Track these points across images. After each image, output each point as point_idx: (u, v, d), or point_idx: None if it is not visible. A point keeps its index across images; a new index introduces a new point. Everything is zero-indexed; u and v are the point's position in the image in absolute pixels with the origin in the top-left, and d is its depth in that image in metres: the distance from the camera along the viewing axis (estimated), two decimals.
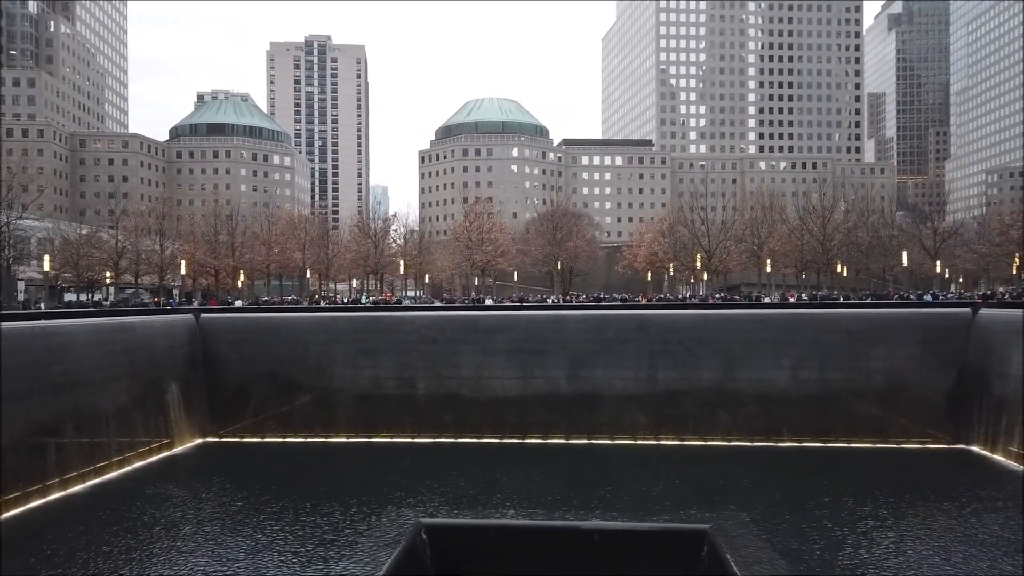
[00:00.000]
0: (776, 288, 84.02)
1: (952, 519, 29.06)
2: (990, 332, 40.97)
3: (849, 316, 45.67)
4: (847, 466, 37.96)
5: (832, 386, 42.72)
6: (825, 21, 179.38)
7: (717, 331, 44.62)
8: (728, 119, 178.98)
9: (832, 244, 74.20)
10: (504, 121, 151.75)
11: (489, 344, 45.03)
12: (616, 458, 39.83)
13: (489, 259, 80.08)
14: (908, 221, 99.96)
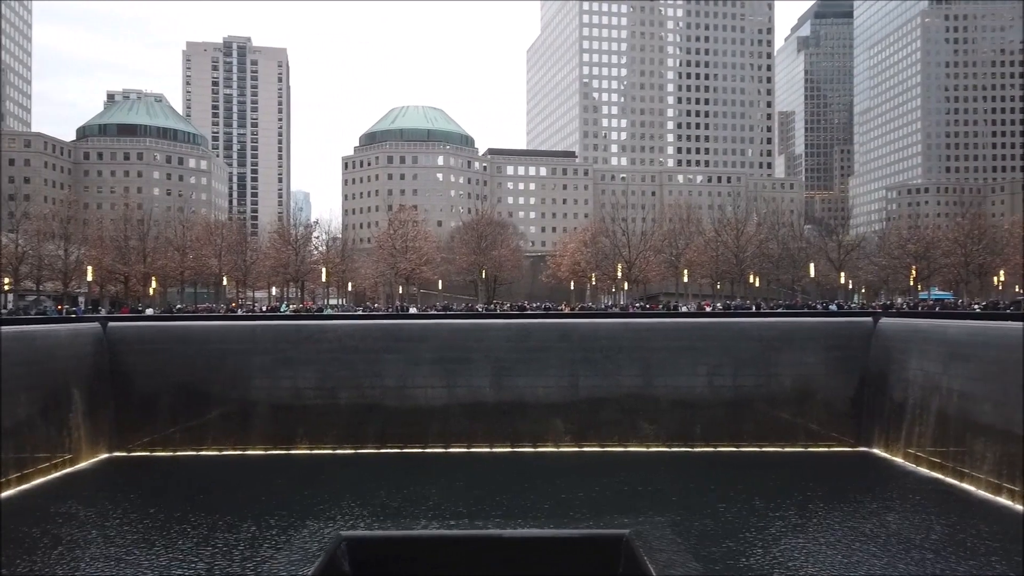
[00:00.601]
0: (693, 297, 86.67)
1: (854, 519, 30.63)
2: (889, 340, 43.47)
3: (760, 325, 47.53)
4: (758, 469, 39.46)
5: (744, 392, 44.38)
6: (739, 41, 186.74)
7: (637, 339, 45.71)
8: (648, 133, 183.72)
9: (745, 256, 77.18)
10: (430, 129, 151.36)
11: (413, 353, 44.76)
12: (539, 466, 40.19)
13: (413, 267, 79.59)
14: (815, 234, 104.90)
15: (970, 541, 27.27)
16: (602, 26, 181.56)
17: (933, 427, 37.57)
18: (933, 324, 41.77)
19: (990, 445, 33.10)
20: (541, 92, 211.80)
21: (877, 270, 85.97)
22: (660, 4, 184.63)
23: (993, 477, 32.46)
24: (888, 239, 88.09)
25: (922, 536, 28.03)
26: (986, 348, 34.84)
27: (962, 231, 75.16)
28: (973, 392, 34.94)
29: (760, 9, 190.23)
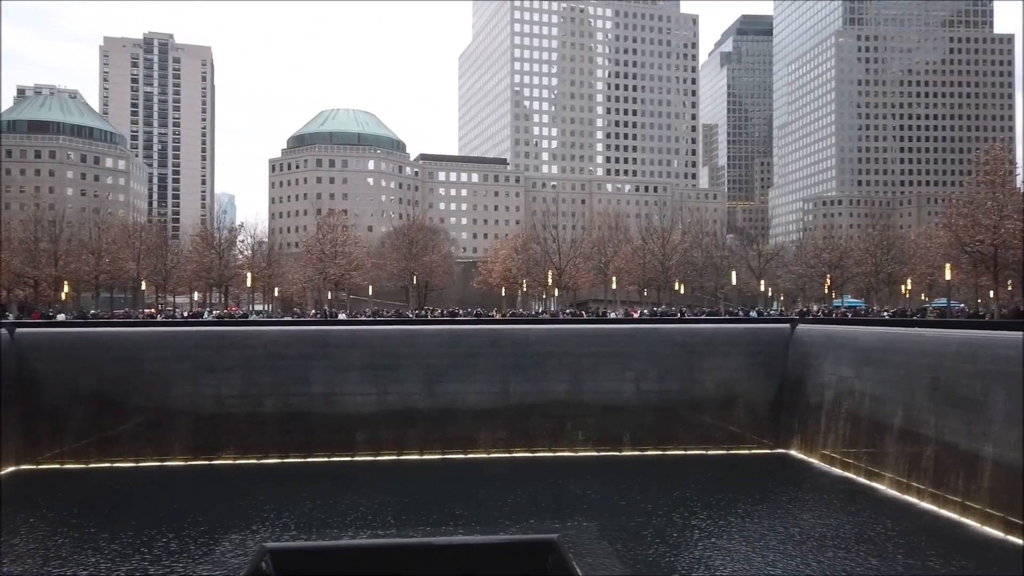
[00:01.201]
0: (621, 304, 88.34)
1: (772, 518, 31.85)
2: (806, 346, 45.39)
3: (685, 331, 48.86)
4: (684, 472, 40.55)
5: (670, 396, 45.53)
6: (665, 55, 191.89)
7: (566, 346, 46.31)
8: (578, 142, 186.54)
9: (671, 263, 79.22)
10: (360, 133, 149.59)
11: (341, 359, 44.11)
12: (470, 472, 40.22)
13: (343, 273, 78.42)
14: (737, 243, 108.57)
15: (879, 538, 28.71)
16: (533, 35, 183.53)
17: (846, 429, 39.40)
18: (846, 330, 43.84)
19: (898, 446, 34.95)
20: (473, 99, 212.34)
21: (794, 278, 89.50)
22: (590, 16, 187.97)
23: (901, 477, 34.25)
24: (804, 249, 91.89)
25: (835, 534, 29.35)
26: (894, 353, 36.78)
27: (872, 242, 79.05)
28: (883, 395, 36.82)
29: (685, 24, 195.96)
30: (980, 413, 29.84)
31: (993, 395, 29.27)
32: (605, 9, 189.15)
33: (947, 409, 31.86)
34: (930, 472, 32.30)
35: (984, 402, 29.70)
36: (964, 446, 30.55)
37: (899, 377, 35.63)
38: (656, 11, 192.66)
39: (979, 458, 29.55)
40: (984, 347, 30.57)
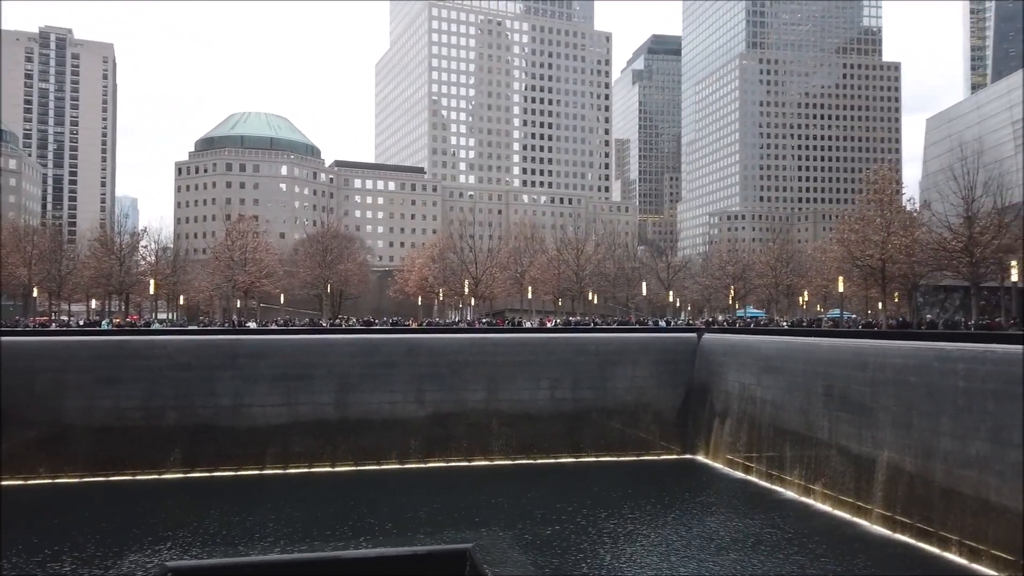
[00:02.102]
0: (536, 313, 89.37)
1: (680, 523, 33.00)
2: (711, 354, 47.27)
3: (598, 340, 50.02)
4: (596, 478, 41.41)
5: (583, 404, 46.48)
6: (579, 70, 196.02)
7: (482, 355, 46.59)
8: (495, 153, 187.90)
9: (584, 274, 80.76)
10: (273, 137, 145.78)
11: (250, 370, 42.92)
12: (384, 484, 39.82)
13: (253, 280, 76.08)
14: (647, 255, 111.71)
15: (778, 539, 30.21)
16: (451, 45, 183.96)
17: (748, 434, 41.24)
18: (748, 340, 45.92)
19: (796, 450, 36.85)
20: (390, 107, 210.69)
21: (701, 289, 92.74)
22: (507, 29, 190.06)
23: (799, 479, 36.11)
24: (710, 261, 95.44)
25: (737, 536, 30.67)
26: (792, 362, 38.82)
27: (773, 255, 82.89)
28: (782, 401, 38.77)
29: (599, 41, 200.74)
30: (870, 418, 31.87)
31: (882, 401, 31.34)
32: (522, 23, 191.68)
33: (840, 414, 33.87)
34: (825, 475, 34.22)
35: (873, 407, 31.76)
36: (856, 450, 32.55)
37: (796, 384, 37.61)
38: (571, 27, 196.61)
39: (869, 461, 31.54)
40: (873, 356, 32.69)
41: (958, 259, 44.26)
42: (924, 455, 28.45)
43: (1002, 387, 25.34)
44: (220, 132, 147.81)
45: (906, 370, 30.15)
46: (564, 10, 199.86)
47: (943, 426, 27.65)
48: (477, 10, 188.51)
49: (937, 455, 27.78)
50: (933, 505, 27.55)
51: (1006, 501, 24.47)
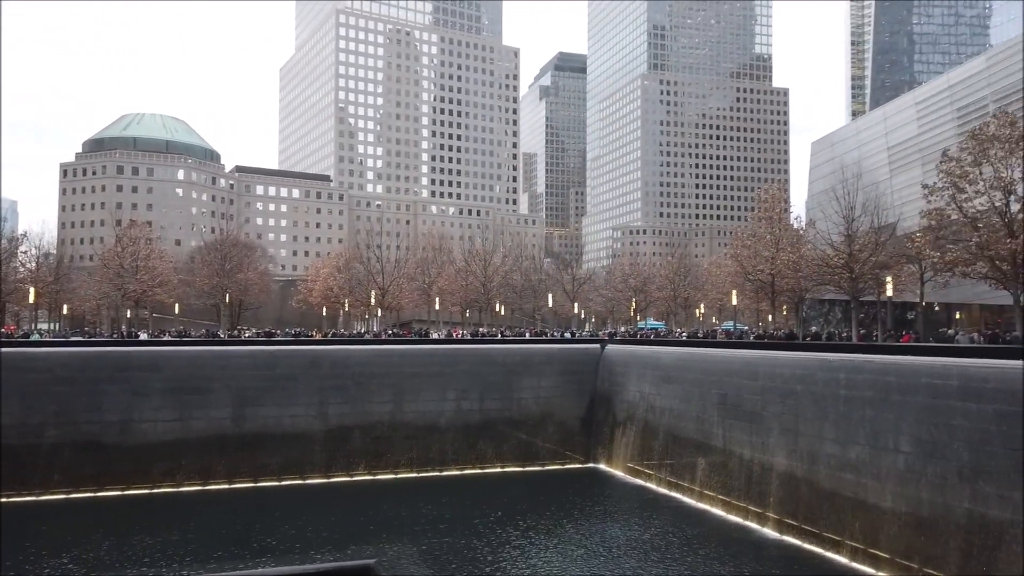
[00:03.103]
0: (444, 324, 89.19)
1: (581, 531, 33.63)
2: (614, 365, 48.52)
3: (504, 351, 50.42)
4: (501, 489, 41.68)
5: (489, 415, 46.71)
6: (488, 84, 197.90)
7: (388, 366, 46.10)
8: (403, 163, 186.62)
9: (492, 285, 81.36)
10: (169, 140, 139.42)
11: (141, 384, 40.85)
12: (285, 500, 38.69)
13: (145, 289, 72.40)
14: (553, 267, 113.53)
15: (674, 544, 31.29)
16: (358, 53, 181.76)
17: (648, 442, 42.54)
18: (649, 350, 47.43)
19: (693, 457, 38.30)
20: (295, 112, 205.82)
21: (604, 301, 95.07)
22: (416, 40, 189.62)
23: (695, 486, 37.52)
24: (613, 274, 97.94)
25: (635, 542, 31.59)
26: (689, 371, 40.39)
27: (672, 269, 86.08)
28: (679, 410, 40.24)
29: (507, 56, 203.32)
30: (761, 425, 33.54)
31: (771, 408, 33.05)
32: (431, 34, 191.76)
33: (733, 422, 35.48)
34: (719, 481, 35.71)
35: (764, 415, 33.44)
36: (747, 456, 34.15)
37: (693, 393, 39.14)
38: (480, 41, 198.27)
39: (760, 466, 33.16)
40: (764, 366, 34.46)
41: (839, 275, 47.31)
42: (810, 460, 30.18)
43: (878, 395, 27.24)
44: (111, 133, 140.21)
45: (793, 379, 31.93)
46: (473, 24, 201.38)
47: (826, 432, 29.44)
48: (386, 18, 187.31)
49: (821, 460, 29.53)
50: (818, 508, 29.23)
51: (882, 502, 26.28)
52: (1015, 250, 36.27)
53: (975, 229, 38.48)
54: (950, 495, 23.73)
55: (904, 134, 59.34)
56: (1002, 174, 37.67)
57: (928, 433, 24.93)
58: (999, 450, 22.33)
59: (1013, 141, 37.77)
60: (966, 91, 53.11)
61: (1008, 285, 37.72)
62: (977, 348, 31.14)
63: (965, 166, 39.27)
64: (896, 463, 25.98)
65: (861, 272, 46.07)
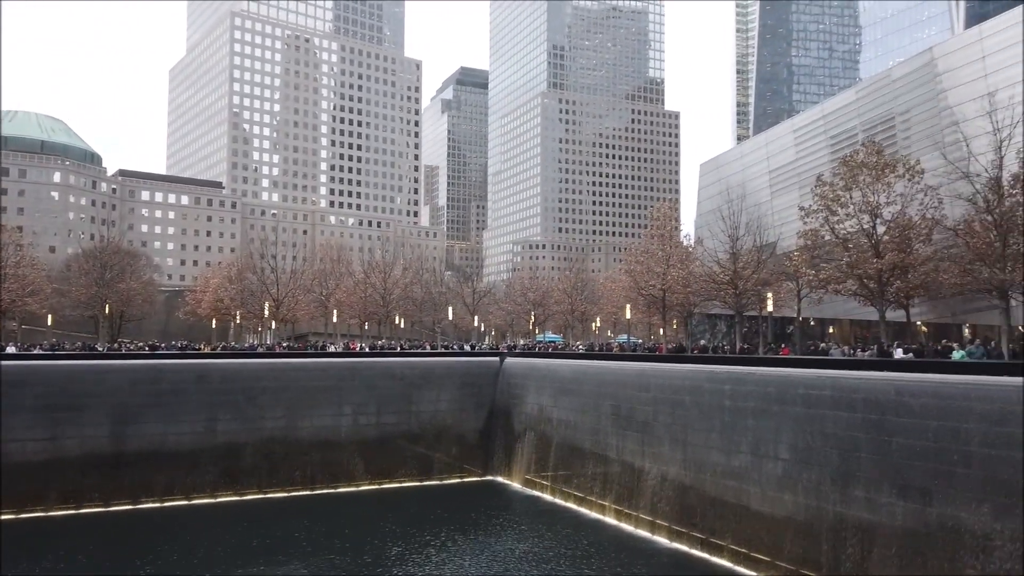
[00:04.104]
0: (342, 337, 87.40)
1: (476, 544, 33.72)
2: (513, 378, 49.03)
3: (403, 364, 49.94)
4: (398, 505, 41.19)
5: (388, 430, 46.14)
6: (389, 95, 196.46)
7: (282, 380, 44.75)
8: (301, 171, 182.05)
9: (392, 298, 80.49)
10: (45, 140, 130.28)
11: (7, 400, 37.89)
12: (168, 523, 36.76)
13: (14, 299, 67.28)
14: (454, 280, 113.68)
15: (571, 554, 31.85)
16: (255, 57, 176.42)
17: (544, 454, 43.18)
18: (547, 363, 48.19)
19: (588, 467, 39.16)
20: (186, 116, 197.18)
21: (504, 314, 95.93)
22: (315, 47, 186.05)
23: (591, 496, 38.36)
24: (513, 287, 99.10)
25: (531, 553, 31.94)
26: (585, 383, 41.35)
27: (569, 283, 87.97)
28: (575, 422, 41.10)
29: (409, 68, 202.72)
30: (652, 435, 34.74)
31: (661, 419, 34.31)
32: (331, 43, 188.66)
33: (626, 432, 36.58)
34: (613, 490, 36.67)
35: (655, 425, 34.67)
36: (639, 465, 35.26)
37: (588, 405, 40.09)
38: (381, 51, 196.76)
39: (651, 476, 34.31)
40: (655, 378, 35.75)
41: (725, 290, 49.80)
42: (697, 468, 31.51)
43: (759, 405, 28.82)
44: None
45: (682, 390, 33.30)
46: (375, 34, 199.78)
47: (712, 441, 30.83)
48: (283, 24, 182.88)
49: (707, 468, 30.89)
50: (705, 514, 30.53)
51: (763, 508, 27.75)
52: (880, 269, 39.34)
53: (846, 249, 41.48)
54: (823, 499, 25.35)
55: (783, 159, 63.25)
56: (869, 199, 40.84)
57: (804, 441, 26.57)
58: (866, 456, 24.07)
59: (879, 168, 41.05)
60: (838, 121, 57.24)
61: (874, 301, 40.82)
62: (848, 360, 33.49)
63: (837, 190, 42.32)
64: (775, 470, 27.52)
65: (744, 288, 48.66)
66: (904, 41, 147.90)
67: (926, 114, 48.14)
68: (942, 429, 21.89)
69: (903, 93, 50.53)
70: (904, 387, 23.56)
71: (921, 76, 49.09)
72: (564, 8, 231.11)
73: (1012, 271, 33.38)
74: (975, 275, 35.53)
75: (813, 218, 43.60)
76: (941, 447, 21.80)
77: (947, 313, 45.23)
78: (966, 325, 46.07)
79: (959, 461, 21.22)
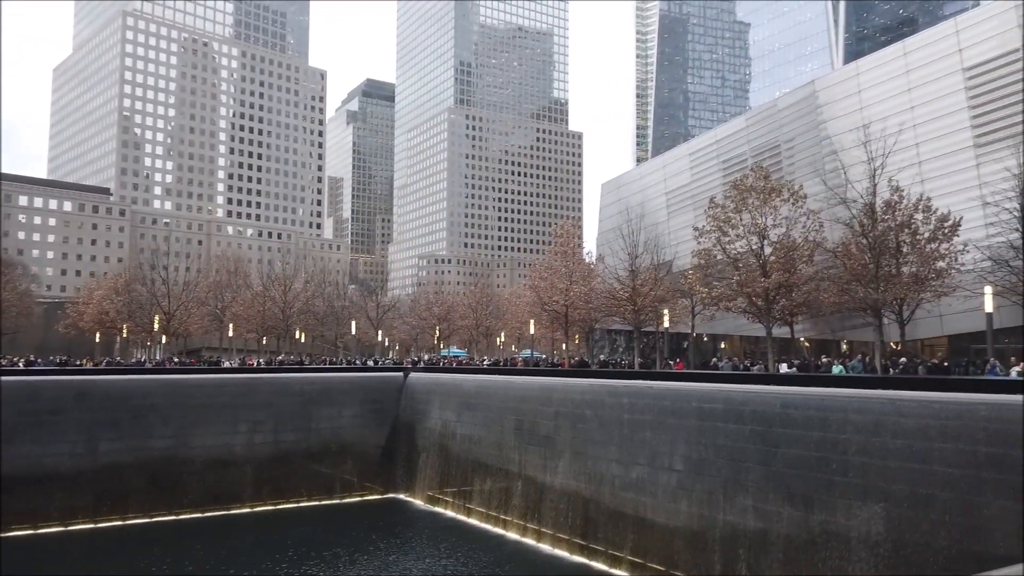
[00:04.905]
0: (238, 352, 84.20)
1: (375, 562, 33.15)
2: (417, 393, 48.61)
3: (303, 380, 48.64)
4: (296, 526, 39.89)
5: (285, 448, 44.71)
6: (293, 103, 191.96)
7: (172, 397, 42.64)
8: (197, 179, 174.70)
9: (292, 311, 78.29)
10: None
11: None
12: (38, 553, 34.22)
13: None
14: (358, 294, 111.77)
15: (468, 570, 31.80)
16: (148, 59, 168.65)
17: (448, 470, 42.98)
18: (451, 378, 48.12)
19: (492, 482, 39.24)
20: (70, 118, 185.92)
21: (409, 329, 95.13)
22: (214, 52, 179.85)
23: (494, 511, 38.41)
24: (418, 302, 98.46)
25: (429, 570, 31.70)
26: (489, 398, 41.49)
27: (474, 298, 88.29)
28: (479, 436, 41.15)
29: (313, 77, 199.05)
30: (554, 449, 35.22)
31: (563, 433, 34.86)
32: (231, 48, 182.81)
33: (529, 447, 36.93)
34: (516, 505, 36.88)
35: (557, 439, 35.17)
36: (541, 479, 35.65)
37: (492, 420, 40.24)
38: (285, 59, 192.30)
39: (553, 489, 34.74)
40: (557, 392, 36.32)
41: (624, 307, 51.30)
42: (597, 481, 32.16)
43: (656, 418, 29.78)
44: None
45: (583, 404, 33.98)
46: (278, 41, 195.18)
47: (612, 454, 31.58)
48: (180, 26, 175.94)
49: (607, 481, 31.58)
50: (604, 526, 31.17)
51: (658, 519, 28.63)
52: (767, 288, 41.57)
53: (736, 268, 43.61)
54: (715, 508, 26.43)
55: (679, 181, 65.95)
56: (758, 221, 43.15)
57: (697, 452, 27.64)
58: (754, 466, 25.29)
59: (766, 192, 43.47)
60: (730, 146, 60.28)
61: (761, 318, 43.06)
62: (738, 374, 35.14)
63: (728, 212, 44.50)
64: (671, 481, 28.48)
65: (643, 305, 50.28)
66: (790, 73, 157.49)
67: (808, 142, 51.43)
68: (823, 440, 23.30)
69: (788, 122, 53.80)
70: (789, 400, 24.96)
71: (804, 107, 52.45)
72: (471, 26, 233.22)
73: (884, 291, 36.00)
74: (852, 294, 38.08)
75: (706, 238, 45.61)
76: (822, 457, 23.18)
77: (827, 330, 48.24)
78: (844, 341, 49.24)
79: (838, 470, 22.63)
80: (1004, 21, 40.20)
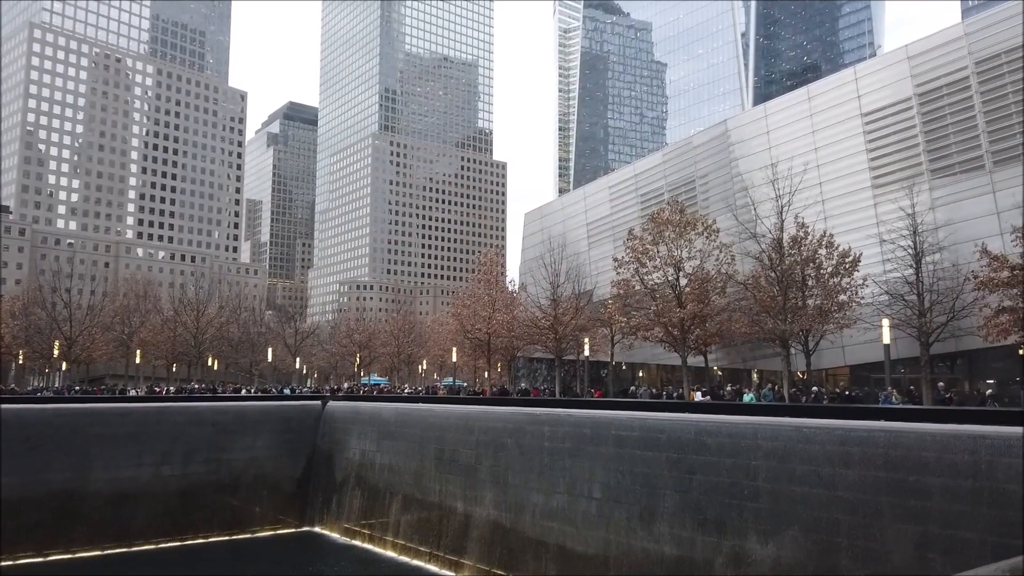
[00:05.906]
0: (145, 380, 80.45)
1: None
2: (336, 422, 47.53)
3: (215, 409, 46.81)
4: (203, 563, 38.17)
5: (195, 480, 42.82)
6: (211, 124, 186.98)
7: (72, 427, 40.29)
8: (106, 199, 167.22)
9: (205, 337, 75.56)
10: None
11: None
12: None
13: None
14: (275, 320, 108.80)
15: None
16: (55, 73, 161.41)
17: (366, 501, 42.08)
18: (371, 406, 47.28)
19: (411, 513, 38.61)
20: None
21: (328, 356, 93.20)
22: (127, 68, 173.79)
23: (413, 543, 37.70)
24: (338, 328, 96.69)
25: None
26: (409, 427, 41.00)
27: (397, 325, 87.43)
28: (399, 466, 40.51)
29: (233, 98, 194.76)
30: (474, 478, 35.01)
31: (484, 462, 34.73)
32: (146, 65, 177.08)
33: (449, 476, 36.60)
34: (437, 536, 36.39)
35: (478, 468, 35.00)
36: (462, 509, 35.32)
37: (412, 449, 39.73)
38: (203, 79, 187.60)
39: (473, 519, 34.47)
40: (478, 420, 36.24)
41: (546, 335, 51.88)
42: (518, 510, 32.13)
43: (576, 445, 30.09)
44: None
45: (504, 432, 34.00)
46: (196, 60, 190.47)
47: (532, 482, 31.65)
48: (92, 41, 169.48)
49: (527, 509, 31.60)
50: (524, 556, 31.11)
51: (578, 547, 28.79)
52: (683, 318, 42.89)
53: (653, 299, 44.86)
54: (632, 536, 26.80)
55: (600, 212, 67.52)
56: (674, 253, 44.62)
57: (615, 480, 28.04)
58: (670, 492, 25.85)
59: (682, 226, 45.04)
60: (648, 180, 62.23)
61: (677, 348, 44.32)
62: (655, 402, 35.96)
63: (646, 244, 45.85)
64: (590, 509, 28.74)
65: (564, 333, 50.96)
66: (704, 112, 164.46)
67: (721, 179, 53.67)
68: (735, 466, 24.07)
69: (702, 159, 56.06)
70: (702, 427, 25.70)
71: (717, 145, 54.80)
72: (397, 53, 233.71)
73: (791, 322, 37.73)
74: (761, 325, 39.73)
75: (625, 269, 46.79)
76: (734, 482, 23.92)
77: (739, 359, 50.04)
78: (755, 370, 51.17)
79: (748, 495, 23.39)
80: (897, 72, 43.29)
